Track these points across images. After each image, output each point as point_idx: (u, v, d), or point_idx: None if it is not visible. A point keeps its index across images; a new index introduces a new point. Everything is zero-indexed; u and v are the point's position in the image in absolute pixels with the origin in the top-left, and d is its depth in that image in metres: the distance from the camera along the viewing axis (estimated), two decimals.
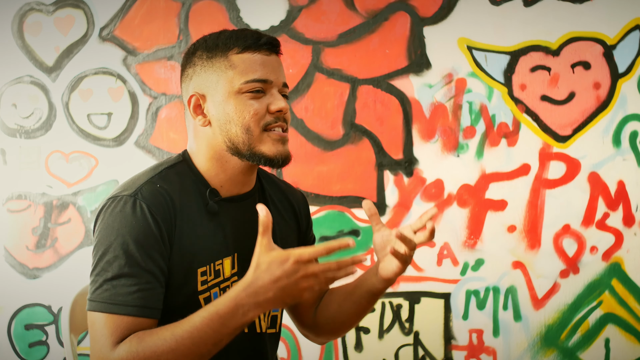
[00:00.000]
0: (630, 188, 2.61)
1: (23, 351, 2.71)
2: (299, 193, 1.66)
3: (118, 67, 2.69)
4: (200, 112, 1.43)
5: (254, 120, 1.39)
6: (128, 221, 1.32)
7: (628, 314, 2.62)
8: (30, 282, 2.70)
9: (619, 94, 2.60)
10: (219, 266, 1.42)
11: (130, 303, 1.28)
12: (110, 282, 1.29)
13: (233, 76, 1.39)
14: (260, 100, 1.41)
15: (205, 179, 1.44)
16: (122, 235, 1.31)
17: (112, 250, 1.30)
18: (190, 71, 1.44)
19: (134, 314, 1.28)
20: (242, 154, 1.41)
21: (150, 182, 1.38)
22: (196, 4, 2.67)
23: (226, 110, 1.40)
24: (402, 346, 2.66)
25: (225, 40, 1.41)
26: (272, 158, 1.41)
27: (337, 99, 2.65)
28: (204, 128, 1.43)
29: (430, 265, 2.64)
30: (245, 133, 1.39)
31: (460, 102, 2.63)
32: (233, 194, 1.46)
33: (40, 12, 2.71)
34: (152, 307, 1.31)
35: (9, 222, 2.71)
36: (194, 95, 1.43)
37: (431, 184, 2.64)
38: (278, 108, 1.42)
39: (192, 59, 1.44)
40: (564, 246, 2.62)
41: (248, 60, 1.40)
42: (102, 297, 1.29)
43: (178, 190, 1.40)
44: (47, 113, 2.71)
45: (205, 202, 1.42)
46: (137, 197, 1.34)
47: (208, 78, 1.41)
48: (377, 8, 2.64)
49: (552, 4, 2.61)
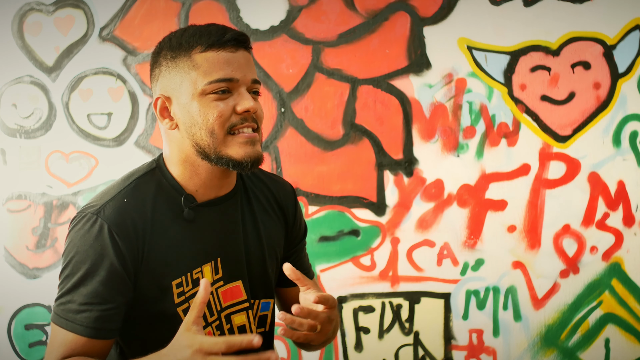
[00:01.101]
0: (630, 188, 2.61)
1: (23, 351, 2.71)
2: (286, 185, 1.61)
3: (118, 67, 2.69)
4: (167, 115, 1.37)
5: (218, 122, 1.32)
6: (87, 240, 1.30)
7: (628, 314, 2.62)
8: (30, 282, 2.70)
9: (619, 94, 2.60)
10: (198, 274, 1.39)
11: (77, 321, 1.29)
12: (66, 296, 1.31)
13: (196, 77, 1.33)
14: (225, 101, 1.33)
15: (180, 184, 1.39)
16: (81, 254, 1.30)
17: (71, 267, 1.31)
18: (157, 72, 1.39)
19: (79, 332, 1.29)
20: (210, 158, 1.35)
21: (117, 198, 1.34)
22: (196, 4, 2.67)
23: (190, 112, 1.33)
24: (402, 346, 2.66)
25: (188, 39, 1.34)
26: (240, 161, 1.34)
27: (337, 99, 2.65)
28: (172, 131, 1.38)
29: (430, 265, 2.64)
30: (209, 136, 1.33)
31: (460, 102, 2.63)
32: (210, 197, 1.41)
33: (40, 12, 2.71)
34: (100, 328, 1.30)
35: (9, 222, 2.71)
36: (160, 98, 1.37)
37: (431, 184, 2.64)
38: (245, 108, 1.33)
39: (158, 59, 1.39)
40: (564, 246, 2.62)
41: (212, 59, 1.33)
42: (57, 310, 1.31)
43: (150, 201, 1.36)
44: (47, 113, 2.71)
45: (180, 210, 1.37)
46: (100, 216, 1.31)
47: (172, 79, 1.35)
48: (377, 8, 2.64)
49: (552, 4, 2.61)
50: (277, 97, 2.65)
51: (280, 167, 2.64)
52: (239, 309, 1.45)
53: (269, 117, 2.64)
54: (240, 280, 1.44)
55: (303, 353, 2.67)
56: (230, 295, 1.43)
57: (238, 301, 1.44)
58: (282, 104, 2.64)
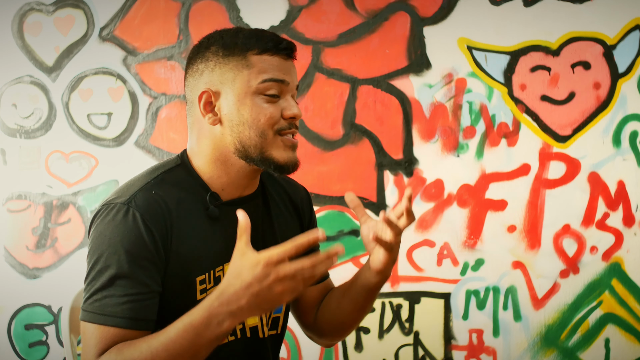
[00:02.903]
0: (630, 188, 2.61)
1: (23, 351, 2.71)
2: (301, 189, 1.63)
3: (118, 67, 2.69)
4: (210, 110, 1.38)
5: (268, 124, 1.36)
6: (120, 230, 1.28)
7: (628, 314, 2.62)
8: (30, 282, 2.70)
9: (619, 94, 2.60)
10: (220, 272, 1.39)
11: (119, 314, 1.26)
12: (100, 292, 1.27)
13: (250, 75, 1.35)
14: (275, 105, 1.37)
15: (206, 182, 1.40)
16: (114, 245, 1.28)
17: (103, 260, 1.28)
18: (202, 66, 1.39)
19: (122, 325, 1.26)
20: (252, 157, 1.37)
21: (146, 189, 1.34)
22: (196, 4, 2.67)
23: (240, 110, 1.36)
24: (402, 346, 2.66)
25: (244, 40, 1.37)
26: (282, 165, 1.37)
27: (337, 99, 2.65)
28: (212, 127, 1.38)
29: (430, 265, 2.64)
30: (258, 136, 1.35)
31: (460, 102, 2.63)
32: (234, 197, 1.42)
33: (40, 12, 2.71)
34: (142, 318, 1.28)
35: (9, 222, 2.71)
36: (206, 92, 1.38)
37: (431, 184, 2.64)
38: (292, 114, 1.37)
39: (206, 54, 1.39)
40: (564, 246, 2.62)
41: (267, 61, 1.37)
42: (91, 307, 1.27)
43: (176, 195, 1.36)
44: (47, 113, 2.71)
45: (205, 207, 1.38)
46: (131, 206, 1.30)
47: (224, 75, 1.37)
48: (377, 8, 2.64)
49: (552, 4, 2.61)
50: None
51: None
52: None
53: None
54: None
55: (303, 352, 2.67)
56: None
57: None
58: None
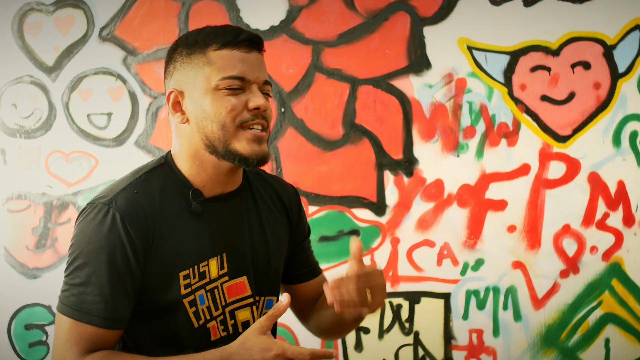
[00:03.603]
0: (630, 188, 2.61)
1: (23, 351, 2.71)
2: (289, 187, 1.64)
3: (118, 67, 2.69)
4: (178, 109, 1.41)
5: (230, 116, 1.36)
6: (99, 230, 1.32)
7: (628, 314, 2.62)
8: (30, 282, 2.70)
9: (619, 94, 2.60)
10: (204, 267, 1.41)
11: (94, 313, 1.30)
12: (78, 287, 1.31)
13: (210, 73, 1.37)
14: (238, 97, 1.37)
15: (188, 179, 1.42)
16: (93, 244, 1.31)
17: (82, 257, 1.32)
18: (171, 67, 1.43)
19: (96, 324, 1.30)
20: (218, 152, 1.38)
21: (128, 189, 1.37)
22: (196, 4, 2.67)
23: (203, 106, 1.37)
24: (402, 346, 2.66)
25: (204, 37, 1.39)
26: (246, 157, 1.37)
27: (337, 99, 2.65)
28: (183, 126, 1.41)
29: (430, 265, 2.64)
30: (220, 129, 1.36)
31: (460, 102, 2.63)
32: (217, 193, 1.44)
33: (40, 12, 2.71)
34: (116, 319, 1.32)
35: (9, 222, 2.71)
36: (173, 92, 1.41)
37: (431, 184, 2.64)
38: (256, 105, 1.37)
39: (173, 56, 1.43)
40: (564, 246, 2.62)
41: (226, 56, 1.37)
42: (69, 301, 1.31)
43: (158, 193, 1.39)
44: (47, 113, 2.71)
45: (188, 204, 1.40)
46: (112, 206, 1.33)
47: (186, 74, 1.39)
48: (377, 8, 2.64)
49: (552, 4, 2.61)
50: (277, 97, 2.65)
51: (280, 167, 2.64)
52: (244, 305, 1.47)
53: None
54: (245, 276, 1.46)
55: None
56: (235, 291, 1.45)
57: (243, 297, 1.46)
58: (282, 104, 2.64)
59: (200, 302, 1.40)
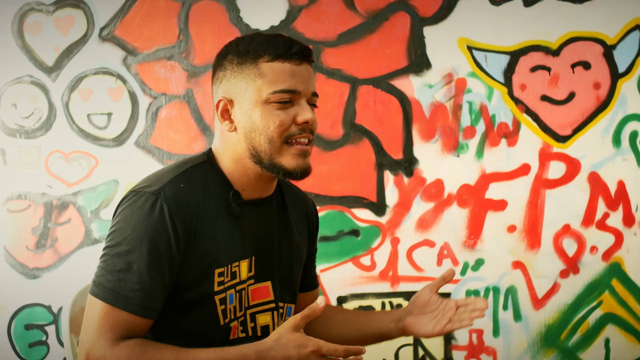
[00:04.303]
0: (630, 188, 2.61)
1: (23, 351, 2.71)
2: (311, 201, 1.69)
3: (118, 67, 2.68)
4: (227, 117, 1.43)
5: (278, 131, 1.38)
6: (146, 219, 1.33)
7: (628, 314, 2.62)
8: (30, 282, 2.70)
9: (619, 94, 2.60)
10: (236, 268, 1.43)
11: (132, 300, 1.30)
12: (118, 273, 1.31)
13: (261, 85, 1.38)
14: (287, 111, 1.40)
15: (229, 180, 1.45)
16: (138, 231, 1.32)
17: (126, 243, 1.32)
18: (221, 74, 1.44)
19: (134, 312, 1.30)
20: (263, 163, 1.41)
21: (174, 182, 1.39)
22: (196, 4, 2.67)
23: (252, 118, 1.39)
24: (402, 346, 2.66)
25: (256, 47, 1.40)
26: (290, 171, 1.41)
27: (337, 99, 2.65)
28: (230, 133, 1.43)
29: (430, 265, 2.64)
30: (267, 143, 1.39)
31: (460, 102, 2.63)
32: (254, 197, 1.47)
33: (40, 12, 2.71)
34: (152, 308, 1.33)
35: (9, 222, 2.71)
36: (222, 100, 1.43)
37: (431, 184, 2.64)
38: (305, 120, 1.40)
39: (223, 63, 1.44)
40: (564, 246, 2.62)
41: (278, 69, 1.39)
42: (107, 286, 1.31)
43: (201, 190, 1.41)
44: (47, 113, 2.71)
45: (227, 204, 1.43)
46: (159, 197, 1.35)
47: (237, 84, 1.41)
48: (377, 8, 2.64)
49: (552, 4, 2.61)
50: None
51: None
52: (265, 309, 1.49)
53: None
54: (270, 282, 1.49)
55: None
56: (258, 295, 1.48)
57: (265, 301, 1.49)
58: None
59: (229, 301, 1.42)
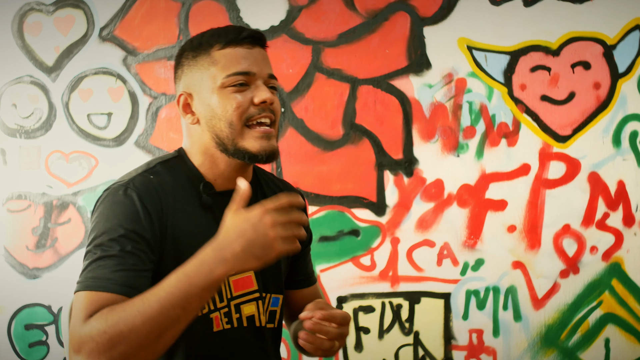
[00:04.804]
0: (630, 188, 2.61)
1: (23, 351, 2.71)
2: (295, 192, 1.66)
3: (118, 67, 2.69)
4: (189, 111, 1.45)
5: (236, 113, 1.39)
6: (118, 207, 1.33)
7: (628, 314, 2.62)
8: (30, 282, 2.70)
9: (619, 94, 2.60)
10: None
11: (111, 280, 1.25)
12: (96, 262, 1.28)
13: (215, 72, 1.41)
14: (243, 94, 1.41)
15: (200, 172, 1.45)
16: (111, 220, 1.32)
17: (101, 236, 1.31)
18: (179, 72, 1.48)
19: (113, 290, 1.25)
20: (228, 149, 1.42)
21: (143, 175, 1.40)
22: (196, 4, 2.67)
23: (211, 105, 1.41)
24: (402, 346, 2.66)
25: (208, 39, 1.43)
26: (255, 154, 1.41)
27: (337, 99, 2.65)
28: (194, 126, 1.45)
29: (430, 265, 2.64)
30: (228, 127, 1.40)
31: (460, 102, 2.63)
32: (228, 188, 1.46)
33: (40, 12, 2.71)
34: (134, 287, 1.27)
35: (9, 222, 2.71)
36: (182, 95, 1.45)
37: (431, 184, 2.64)
38: (262, 99, 1.40)
39: (180, 60, 1.47)
40: (564, 246, 2.62)
41: (230, 54, 1.41)
42: (85, 277, 1.28)
43: (171, 183, 1.41)
44: (47, 113, 2.71)
45: (199, 196, 1.43)
46: (129, 186, 1.36)
47: (194, 77, 1.44)
48: (377, 8, 2.64)
49: (552, 4, 2.61)
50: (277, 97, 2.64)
51: (280, 167, 2.64)
52: (249, 299, 1.47)
53: None
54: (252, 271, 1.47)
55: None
56: (241, 285, 1.46)
57: (249, 291, 1.47)
58: (282, 104, 2.64)
59: None
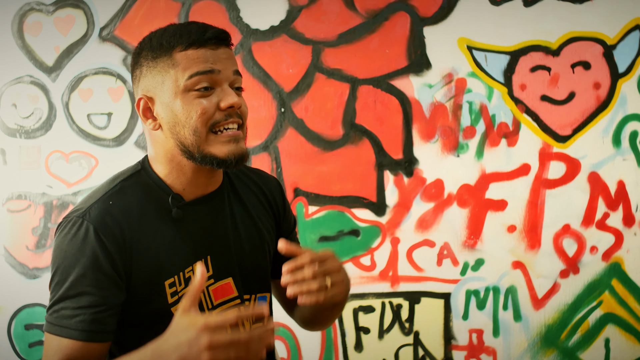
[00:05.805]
0: (630, 188, 2.61)
1: (23, 351, 2.71)
2: (272, 180, 1.59)
3: (118, 67, 2.69)
4: (150, 116, 1.36)
5: (201, 120, 1.31)
6: (74, 244, 1.29)
7: (628, 314, 2.62)
8: (30, 282, 2.70)
9: (619, 94, 2.60)
10: (190, 273, 1.37)
11: (72, 327, 1.26)
12: (58, 304, 1.29)
13: (177, 74, 1.31)
14: (209, 98, 1.32)
15: (167, 184, 1.38)
16: (69, 258, 1.29)
17: (59, 273, 1.30)
18: (138, 72, 1.38)
19: (74, 337, 1.26)
20: (194, 157, 1.33)
21: (102, 200, 1.33)
22: (196, 4, 2.67)
23: (174, 111, 1.32)
24: (402, 346, 2.66)
25: (169, 38, 1.33)
26: (224, 159, 1.32)
27: (337, 99, 2.65)
28: (156, 132, 1.36)
29: (430, 265, 2.64)
30: (193, 134, 1.31)
31: (460, 102, 2.63)
32: (197, 195, 1.40)
33: (40, 12, 2.71)
34: (95, 330, 1.27)
35: (9, 222, 2.71)
36: (142, 98, 1.36)
37: (431, 184, 2.64)
38: (228, 104, 1.31)
39: (139, 60, 1.38)
40: (564, 246, 2.62)
41: (192, 55, 1.31)
42: (50, 318, 1.29)
43: (136, 203, 1.34)
44: (47, 113, 2.71)
45: (168, 210, 1.36)
46: (85, 219, 1.30)
47: (154, 79, 1.34)
48: (377, 8, 2.64)
49: (552, 4, 2.61)
50: (277, 97, 2.65)
51: (280, 167, 2.64)
52: (231, 306, 1.43)
53: (268, 117, 2.64)
54: (231, 277, 1.43)
55: (303, 352, 2.67)
56: (221, 293, 1.42)
57: (229, 298, 1.43)
58: (282, 104, 2.64)
59: None
